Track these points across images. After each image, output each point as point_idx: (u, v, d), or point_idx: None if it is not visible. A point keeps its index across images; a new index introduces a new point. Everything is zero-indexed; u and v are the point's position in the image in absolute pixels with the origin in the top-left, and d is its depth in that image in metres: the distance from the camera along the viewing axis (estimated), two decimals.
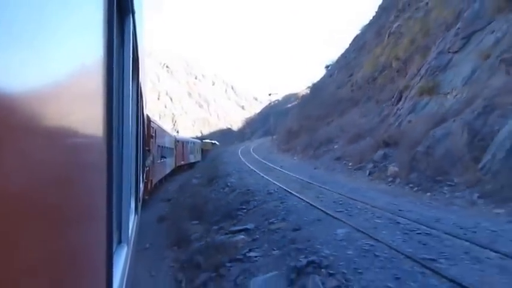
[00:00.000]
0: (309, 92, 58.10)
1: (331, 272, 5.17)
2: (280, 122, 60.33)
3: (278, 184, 14.05)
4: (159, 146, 17.05)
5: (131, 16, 2.21)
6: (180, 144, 26.65)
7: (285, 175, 17.41)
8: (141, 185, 6.08)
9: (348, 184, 13.99)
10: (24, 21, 0.51)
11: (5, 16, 0.45)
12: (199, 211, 12.05)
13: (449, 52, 18.78)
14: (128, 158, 2.26)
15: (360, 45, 46.39)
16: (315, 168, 20.29)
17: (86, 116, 0.90)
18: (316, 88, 52.78)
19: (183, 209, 13.02)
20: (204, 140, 49.88)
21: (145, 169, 9.79)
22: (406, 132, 15.98)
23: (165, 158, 19.61)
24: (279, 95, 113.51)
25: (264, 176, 16.92)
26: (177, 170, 25.72)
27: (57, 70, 0.67)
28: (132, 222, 2.82)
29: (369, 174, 15.49)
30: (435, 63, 19.25)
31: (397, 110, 20.65)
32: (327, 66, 60.60)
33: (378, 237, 6.59)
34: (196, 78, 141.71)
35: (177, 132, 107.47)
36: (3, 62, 0.44)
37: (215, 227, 9.94)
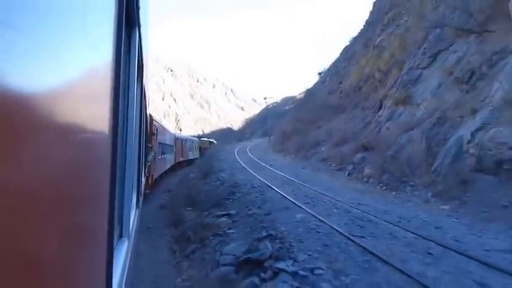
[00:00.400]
0: (303, 96, 59.51)
1: (281, 240, 6.81)
2: (277, 123, 61.82)
3: (263, 180, 15.69)
4: (160, 143, 17.62)
5: (137, 29, 2.42)
6: (180, 141, 27.15)
7: (272, 173, 19.06)
8: (143, 180, 6.19)
9: (327, 183, 15.63)
10: (47, 31, 0.59)
11: (29, 27, 0.52)
12: (194, 200, 13.66)
13: (418, 68, 20.46)
14: (131, 154, 2.33)
15: (349, 55, 48.02)
16: (302, 168, 21.94)
17: (94, 114, 0.95)
18: (309, 93, 54.41)
19: (180, 198, 14.63)
20: (202, 138, 50.60)
21: (147, 164, 10.19)
22: (382, 138, 17.62)
23: (165, 154, 20.22)
24: (277, 98, 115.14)
25: (253, 173, 18.59)
26: (177, 166, 26.42)
27: (72, 74, 0.74)
28: (133, 216, 2.85)
29: (348, 174, 17.15)
30: (407, 77, 20.93)
31: (378, 117, 22.25)
32: (319, 73, 62.15)
33: (326, 221, 8.23)
34: (198, 81, 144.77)
35: (180, 130, 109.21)
36: (28, 67, 0.51)
37: (205, 213, 11.55)
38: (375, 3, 50.56)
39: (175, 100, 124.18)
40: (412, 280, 5.14)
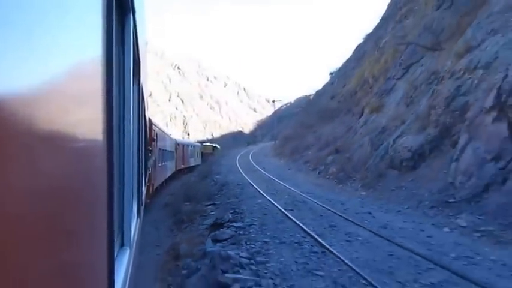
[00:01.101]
0: (311, 98, 64.13)
1: (239, 213, 12.28)
2: (283, 127, 66.98)
3: (249, 180, 21.20)
4: (160, 149, 18.29)
5: (132, 15, 2.26)
6: (181, 147, 28.53)
7: (260, 174, 24.58)
8: (144, 189, 6.44)
9: (298, 180, 21.04)
10: (18, 20, 0.53)
11: (0, 14, 0.47)
12: (191, 197, 19.19)
13: (394, 78, 25.61)
14: (129, 161, 2.40)
15: (360, 54, 50.29)
16: (288, 169, 27.43)
17: (84, 118, 0.94)
18: (318, 95, 59.32)
19: (180, 196, 20.21)
20: (204, 144, 52.16)
21: (148, 172, 10.60)
22: (350, 142, 22.90)
23: (166, 161, 21.23)
24: (291, 98, 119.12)
25: (243, 174, 24.14)
26: (177, 173, 27.73)
27: (53, 70, 0.69)
28: (134, 225, 2.96)
29: (318, 173, 22.56)
30: (384, 86, 26.09)
31: (357, 123, 27.47)
32: (331, 73, 66.33)
33: (274, 203, 13.63)
34: (208, 79, 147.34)
35: (188, 135, 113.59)
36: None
37: (198, 205, 17.06)
38: None
39: (183, 101, 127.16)
40: (299, 227, 10.46)
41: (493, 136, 10.76)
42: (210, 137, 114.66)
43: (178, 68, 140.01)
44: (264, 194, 15.95)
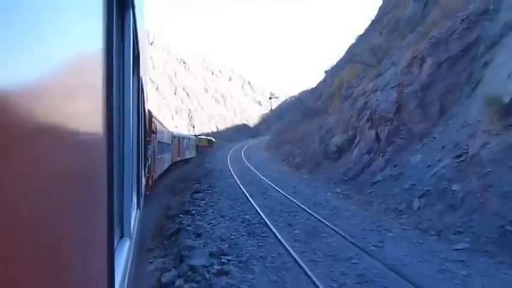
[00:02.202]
0: (303, 95, 70.11)
1: (211, 186, 19.38)
2: (282, 121, 73.36)
3: (230, 168, 28.28)
4: (159, 141, 18.98)
5: (131, 11, 2.40)
6: (177, 140, 29.11)
7: (242, 164, 31.65)
8: (143, 180, 6.65)
9: (269, 168, 28.09)
10: (20, 14, 0.55)
11: (2, 8, 0.48)
12: (185, 179, 26.36)
13: (353, 87, 32.41)
14: (129, 153, 2.51)
15: (350, 55, 52.32)
16: (268, 160, 34.48)
17: (85, 110, 0.98)
18: (311, 92, 65.63)
19: (177, 179, 27.36)
20: (199, 136, 52.48)
21: (147, 164, 10.81)
22: (312, 139, 29.82)
23: (164, 153, 22.26)
24: (294, 92, 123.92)
25: (228, 164, 31.23)
26: (173, 166, 28.92)
27: (54, 64, 0.72)
28: (134, 216, 3.08)
29: (287, 163, 29.64)
30: (345, 93, 32.91)
31: (325, 123, 34.35)
32: (326, 71, 72.58)
33: (238, 181, 20.69)
34: (213, 74, 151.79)
35: (193, 127, 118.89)
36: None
37: (189, 184, 24.18)
38: None
39: (188, 95, 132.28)
40: (243, 193, 17.43)
41: (368, 139, 17.68)
42: (214, 130, 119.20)
43: (184, 62, 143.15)
44: (235, 176, 23.03)
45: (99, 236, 1.20)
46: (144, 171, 8.26)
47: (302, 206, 13.75)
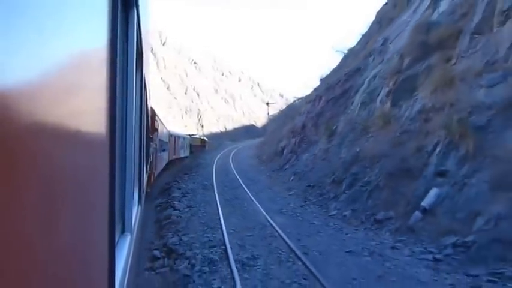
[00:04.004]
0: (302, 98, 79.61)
1: (196, 173, 30.44)
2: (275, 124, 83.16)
3: (215, 163, 39.12)
4: (160, 139, 19.65)
5: (135, 9, 2.56)
6: (173, 138, 30.84)
7: (227, 161, 42.51)
8: (145, 176, 6.97)
9: (245, 163, 38.90)
10: (25, 13, 0.57)
11: (5, 7, 0.50)
12: (181, 171, 37.30)
13: None
14: (131, 150, 2.63)
15: (345, 63, 65.71)
16: (250, 158, 45.24)
17: (89, 107, 1.03)
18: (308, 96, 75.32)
19: (176, 171, 38.33)
20: (192, 136, 54.15)
21: (149, 161, 11.59)
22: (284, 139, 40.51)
23: (163, 151, 23.27)
24: (302, 93, 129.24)
25: (216, 161, 42.15)
26: (169, 164, 30.75)
27: (59, 62, 0.76)
28: (135, 212, 3.26)
29: (258, 158, 40.40)
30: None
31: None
32: (321, 79, 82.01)
33: (214, 171, 31.58)
34: (223, 74, 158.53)
35: (202, 127, 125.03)
36: (3, 53, 0.50)
37: (185, 172, 35.08)
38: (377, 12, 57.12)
39: (198, 94, 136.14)
40: (212, 179, 28.18)
41: (291, 143, 28.36)
42: (223, 130, 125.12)
43: (195, 63, 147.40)
44: (213, 168, 33.81)
45: (101, 230, 1.26)
46: (146, 168, 8.55)
47: (243, 182, 24.51)
